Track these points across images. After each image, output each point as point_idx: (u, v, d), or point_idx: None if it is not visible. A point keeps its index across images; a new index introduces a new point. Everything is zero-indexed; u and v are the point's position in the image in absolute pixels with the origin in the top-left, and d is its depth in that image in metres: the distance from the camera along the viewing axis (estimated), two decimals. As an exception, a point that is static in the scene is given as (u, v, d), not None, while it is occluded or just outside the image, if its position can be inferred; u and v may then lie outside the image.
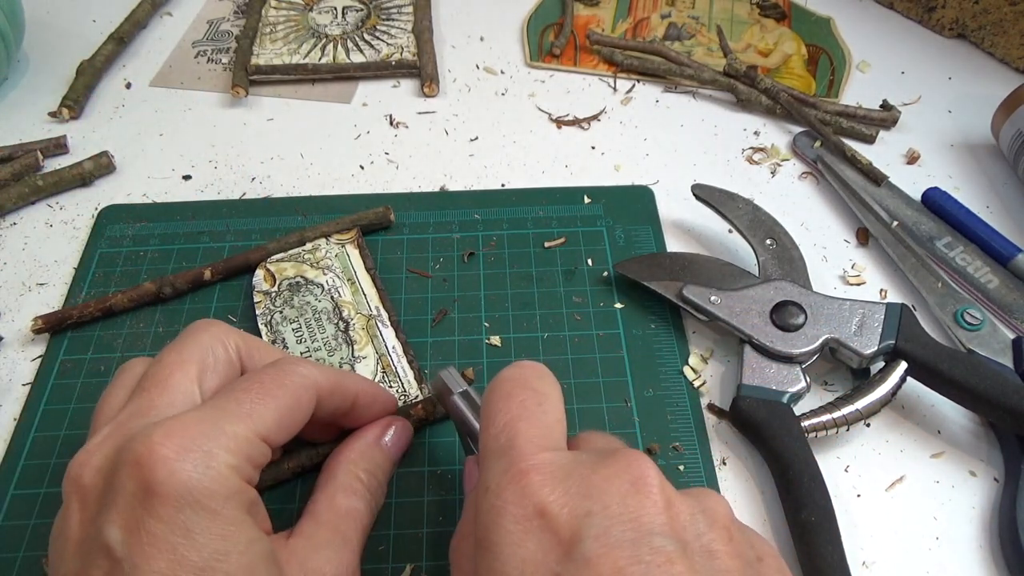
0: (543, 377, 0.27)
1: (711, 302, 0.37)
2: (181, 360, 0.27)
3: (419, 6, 0.58)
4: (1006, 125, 0.46)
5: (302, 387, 0.27)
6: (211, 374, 0.28)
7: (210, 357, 0.28)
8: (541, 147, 0.49)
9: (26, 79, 0.54)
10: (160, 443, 0.23)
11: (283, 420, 0.26)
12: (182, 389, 0.26)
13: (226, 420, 0.25)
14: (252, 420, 0.25)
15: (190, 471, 0.23)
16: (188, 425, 0.24)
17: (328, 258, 0.40)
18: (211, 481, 0.23)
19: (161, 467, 0.23)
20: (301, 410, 0.27)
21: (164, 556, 0.22)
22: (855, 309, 0.36)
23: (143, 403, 0.26)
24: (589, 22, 0.59)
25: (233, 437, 0.24)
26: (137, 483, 0.23)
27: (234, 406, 0.26)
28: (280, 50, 0.54)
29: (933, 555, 0.32)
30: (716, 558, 0.22)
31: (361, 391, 0.31)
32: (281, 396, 0.27)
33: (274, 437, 0.26)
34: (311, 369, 0.28)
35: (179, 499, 0.22)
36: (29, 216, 0.45)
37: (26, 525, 0.32)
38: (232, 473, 0.24)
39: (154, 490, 0.22)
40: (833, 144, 0.47)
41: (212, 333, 0.29)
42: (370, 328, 0.38)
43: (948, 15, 0.57)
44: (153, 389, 0.26)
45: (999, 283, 0.41)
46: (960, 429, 0.36)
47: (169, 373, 0.27)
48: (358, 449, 0.31)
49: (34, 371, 0.38)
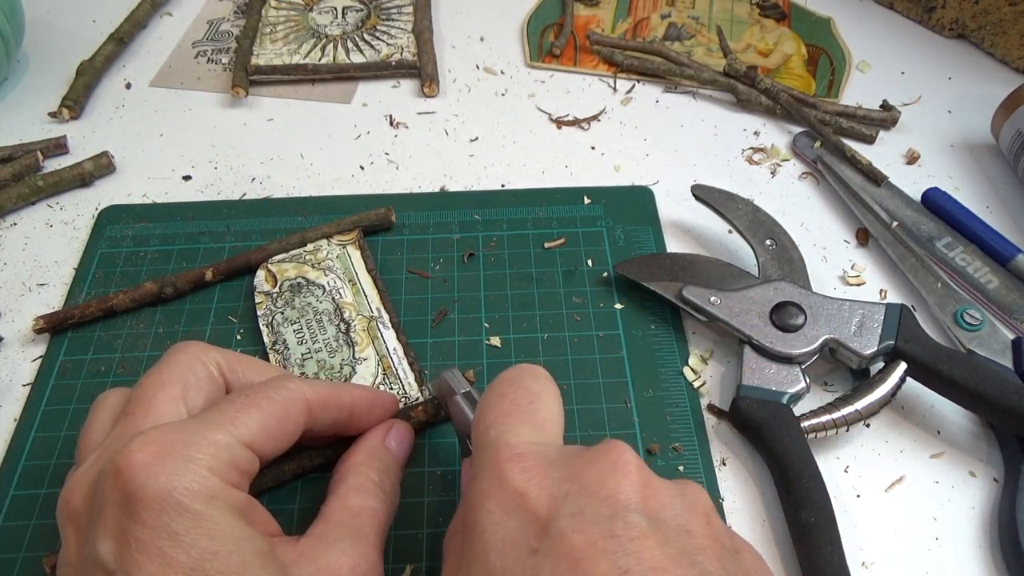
0: (538, 377, 0.28)
1: (711, 303, 0.37)
2: (162, 382, 0.27)
3: (419, 6, 0.58)
4: (1006, 125, 0.46)
5: (289, 400, 0.28)
6: (194, 392, 0.28)
7: (191, 376, 0.28)
8: (541, 147, 0.49)
9: (26, 79, 0.54)
10: (138, 450, 0.23)
11: (270, 430, 0.27)
12: (166, 409, 0.27)
13: (206, 428, 0.25)
14: (235, 427, 0.26)
15: (168, 474, 0.23)
16: (166, 433, 0.24)
17: (329, 259, 0.41)
18: (190, 482, 0.23)
19: (139, 472, 0.23)
20: (290, 422, 0.28)
21: (153, 561, 0.22)
22: (855, 309, 0.36)
23: (128, 426, 0.26)
24: (589, 22, 0.59)
25: (213, 443, 0.25)
26: (119, 492, 0.23)
27: (217, 416, 0.26)
28: (280, 50, 0.54)
29: (933, 555, 0.32)
30: (692, 536, 0.22)
31: (357, 400, 0.31)
32: (267, 407, 0.27)
33: (260, 445, 0.26)
34: (300, 384, 0.29)
35: (160, 502, 0.23)
36: (29, 216, 0.45)
37: (26, 525, 0.32)
38: (212, 475, 0.24)
39: (135, 496, 0.23)
40: (833, 144, 0.47)
41: (191, 353, 0.29)
42: (371, 330, 0.38)
43: (948, 15, 0.57)
44: (138, 412, 0.27)
45: (999, 283, 0.41)
46: (960, 429, 0.36)
47: (151, 396, 0.27)
48: (366, 451, 0.31)
49: (34, 371, 0.38)
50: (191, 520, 0.23)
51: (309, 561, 0.25)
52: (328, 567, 0.26)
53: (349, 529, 0.27)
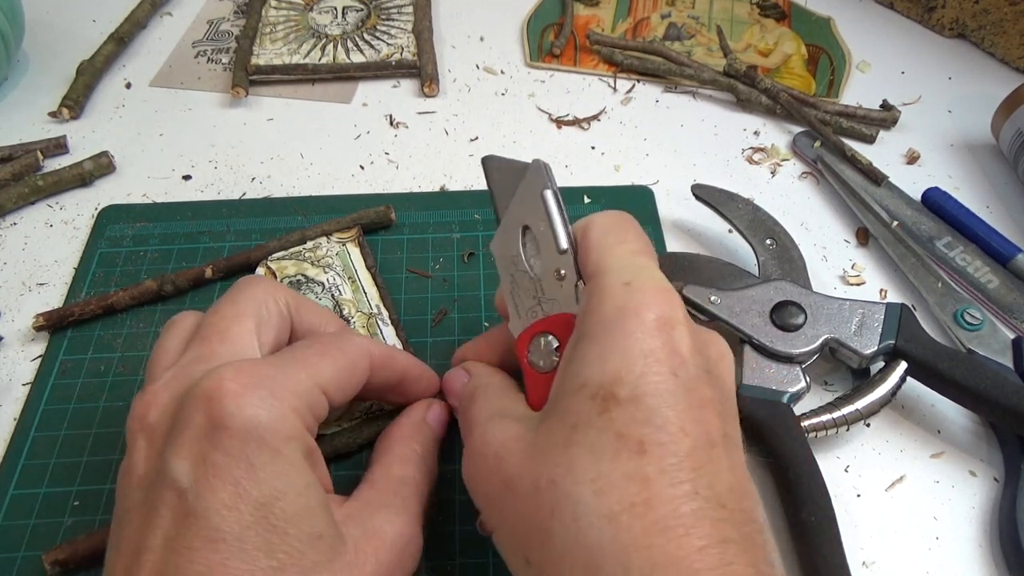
0: None
1: (711, 302, 0.37)
2: (237, 313, 0.28)
3: (419, 6, 0.58)
4: (1006, 125, 0.46)
5: (358, 353, 0.29)
6: (266, 328, 0.29)
7: (264, 312, 0.29)
8: (541, 147, 0.49)
9: (26, 79, 0.54)
10: (231, 379, 0.24)
11: (341, 379, 0.28)
12: (243, 340, 0.27)
13: (291, 367, 0.26)
14: (315, 370, 0.27)
15: (257, 407, 0.24)
16: (257, 366, 0.25)
17: (329, 256, 0.40)
18: (275, 420, 0.24)
19: (229, 401, 0.24)
20: (357, 374, 0.29)
21: (227, 488, 0.23)
22: (855, 309, 0.36)
23: (204, 350, 0.27)
24: (589, 22, 0.59)
25: (297, 382, 0.26)
26: (205, 416, 0.24)
27: (299, 358, 0.27)
28: (280, 50, 0.54)
29: (933, 555, 0.32)
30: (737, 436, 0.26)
31: (410, 366, 0.32)
32: (340, 357, 0.28)
33: (332, 392, 0.27)
34: (365, 340, 0.30)
35: (244, 434, 0.23)
36: (29, 216, 0.45)
37: (26, 525, 0.32)
38: (295, 416, 0.25)
39: (221, 422, 0.23)
40: (833, 144, 0.47)
41: (264, 288, 0.30)
42: (370, 326, 0.38)
43: (948, 15, 0.57)
44: (214, 338, 0.27)
45: (999, 283, 0.41)
46: (960, 429, 0.36)
47: (228, 325, 0.28)
48: (410, 425, 0.31)
49: (34, 371, 0.38)
50: (269, 456, 0.23)
51: (357, 524, 0.26)
52: (375, 532, 0.26)
53: (395, 496, 0.28)
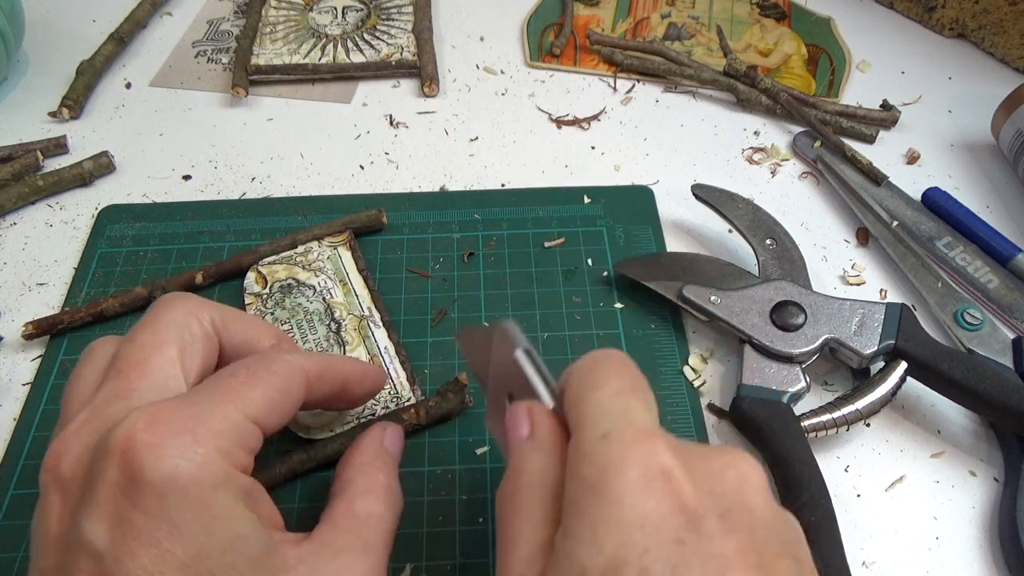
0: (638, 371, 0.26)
1: (711, 302, 0.37)
2: (157, 341, 0.26)
3: (419, 6, 0.58)
4: (1006, 125, 0.46)
5: (290, 372, 0.27)
6: (190, 354, 0.27)
7: (187, 335, 0.27)
8: (541, 147, 0.49)
9: (26, 79, 0.54)
10: (144, 428, 0.22)
11: (274, 404, 0.26)
12: (164, 372, 0.25)
13: (214, 403, 0.24)
14: (242, 402, 0.24)
15: (176, 457, 0.22)
16: (174, 409, 0.23)
17: (320, 260, 0.40)
18: (198, 469, 0.22)
19: (145, 453, 0.22)
20: (292, 395, 0.27)
21: (149, 552, 0.21)
22: (855, 309, 0.36)
23: (121, 386, 0.25)
24: (589, 22, 0.59)
25: (223, 420, 0.24)
26: (120, 471, 0.22)
27: (222, 389, 0.25)
28: (280, 50, 0.54)
29: (933, 555, 0.32)
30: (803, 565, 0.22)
31: (349, 372, 0.30)
32: (270, 380, 0.26)
33: (265, 420, 0.25)
34: (298, 356, 0.28)
35: (164, 489, 0.21)
36: (29, 216, 0.45)
37: (26, 525, 0.32)
38: (221, 459, 0.23)
39: (138, 478, 0.21)
40: (833, 144, 0.47)
41: (186, 309, 0.27)
42: (362, 329, 0.38)
43: (948, 15, 0.57)
44: (131, 372, 0.25)
45: (999, 283, 0.41)
46: (960, 429, 0.36)
47: (147, 355, 0.26)
48: (371, 451, 0.29)
49: (34, 371, 0.38)
50: (193, 511, 0.22)
51: (311, 569, 0.24)
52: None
53: (356, 538, 0.26)
